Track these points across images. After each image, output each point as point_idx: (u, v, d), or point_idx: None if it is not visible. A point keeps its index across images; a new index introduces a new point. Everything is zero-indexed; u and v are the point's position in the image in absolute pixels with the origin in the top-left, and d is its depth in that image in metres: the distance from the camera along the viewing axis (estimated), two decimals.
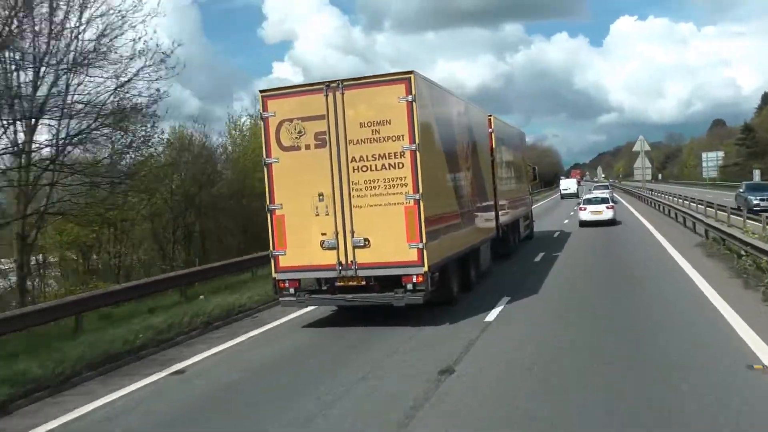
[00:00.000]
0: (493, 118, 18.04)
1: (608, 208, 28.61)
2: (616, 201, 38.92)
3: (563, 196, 66.90)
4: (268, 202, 10.99)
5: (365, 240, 10.48)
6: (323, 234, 10.64)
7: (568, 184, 72.90)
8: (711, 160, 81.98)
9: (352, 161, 10.51)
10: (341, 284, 10.85)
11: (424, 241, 10.29)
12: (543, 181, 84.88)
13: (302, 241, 10.77)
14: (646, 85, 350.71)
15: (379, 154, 10.41)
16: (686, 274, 13.93)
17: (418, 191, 10.28)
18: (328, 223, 10.61)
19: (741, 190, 33.58)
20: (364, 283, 10.71)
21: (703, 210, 27.19)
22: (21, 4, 14.21)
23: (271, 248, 11.02)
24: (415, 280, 10.32)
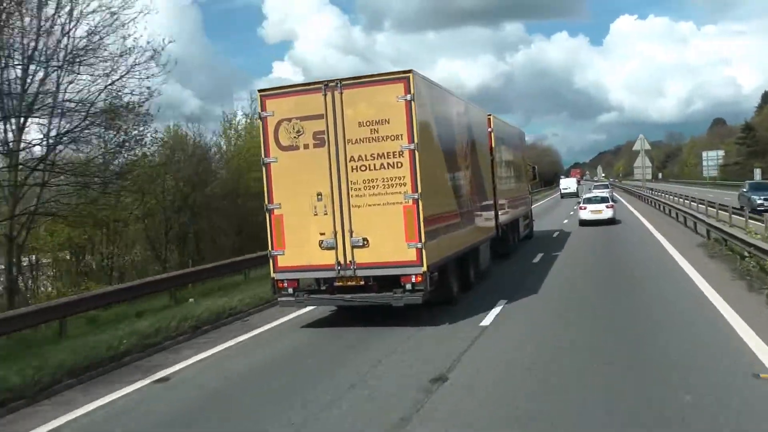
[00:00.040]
0: (492, 117, 18.00)
1: (608, 207, 28.78)
2: (615, 200, 39.01)
3: (563, 196, 66.98)
4: (266, 201, 10.96)
5: (364, 240, 10.43)
6: (322, 234, 10.60)
7: (567, 184, 73.00)
8: (711, 159, 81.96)
9: (350, 161, 10.46)
10: (340, 284, 10.81)
11: (423, 240, 10.24)
12: (543, 180, 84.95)
13: (301, 241, 10.73)
14: (646, 84, 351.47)
15: (378, 154, 10.37)
16: (687, 275, 13.72)
17: (417, 191, 10.24)
18: (326, 222, 10.57)
19: (744, 189, 32.73)
20: (362, 283, 10.67)
21: (704, 210, 27.00)
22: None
23: (269, 248, 10.99)
24: (413, 280, 10.27)
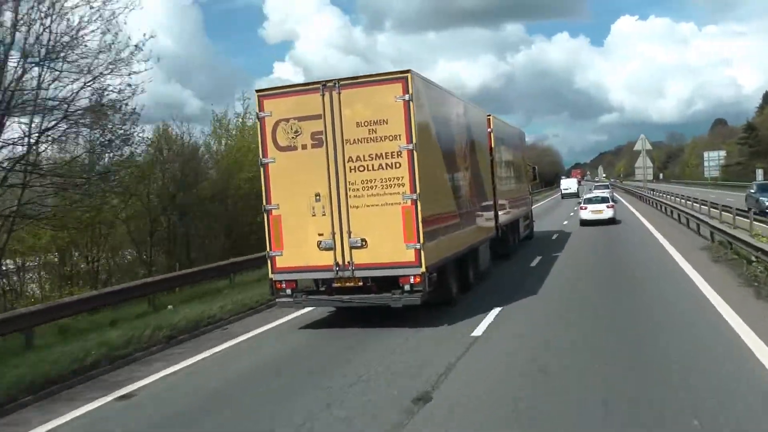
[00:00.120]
0: (492, 117, 17.95)
1: (608, 207, 28.94)
2: (616, 200, 39.05)
3: (564, 196, 67.06)
4: (264, 202, 10.92)
5: (362, 240, 10.38)
6: (320, 234, 10.55)
7: (568, 184, 73.27)
8: (713, 160, 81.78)
9: (348, 161, 10.42)
10: (338, 285, 10.76)
11: (422, 241, 10.19)
12: (544, 180, 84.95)
13: (299, 242, 10.69)
14: (647, 85, 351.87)
15: (376, 154, 10.32)
16: (692, 280, 13.07)
17: (415, 191, 10.19)
18: (324, 223, 10.52)
19: (752, 191, 31.37)
20: (361, 283, 10.63)
21: (707, 211, 26.69)
22: None
23: (267, 249, 10.94)
24: (412, 280, 10.22)
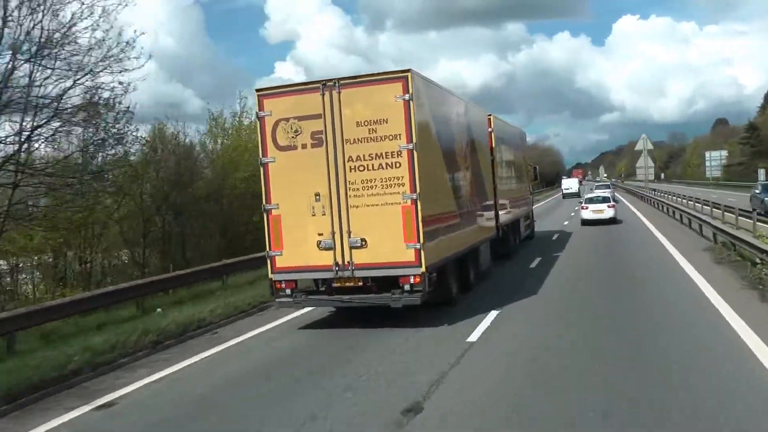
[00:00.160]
0: (492, 117, 17.92)
1: (609, 207, 29.19)
2: (617, 200, 39.10)
3: (565, 196, 67.22)
4: (264, 201, 10.90)
5: (362, 240, 10.36)
6: (320, 234, 10.53)
7: (569, 184, 73.60)
8: (714, 160, 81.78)
9: (348, 161, 10.39)
10: (338, 285, 10.74)
11: (422, 241, 10.16)
12: (545, 180, 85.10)
13: (299, 242, 10.66)
14: (648, 84, 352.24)
15: (376, 154, 10.29)
16: (694, 282, 12.80)
17: (415, 191, 10.16)
18: (324, 223, 10.50)
19: (757, 191, 30.72)
20: (361, 283, 10.60)
21: (709, 211, 26.54)
22: None
23: (267, 249, 10.92)
24: (412, 280, 10.18)
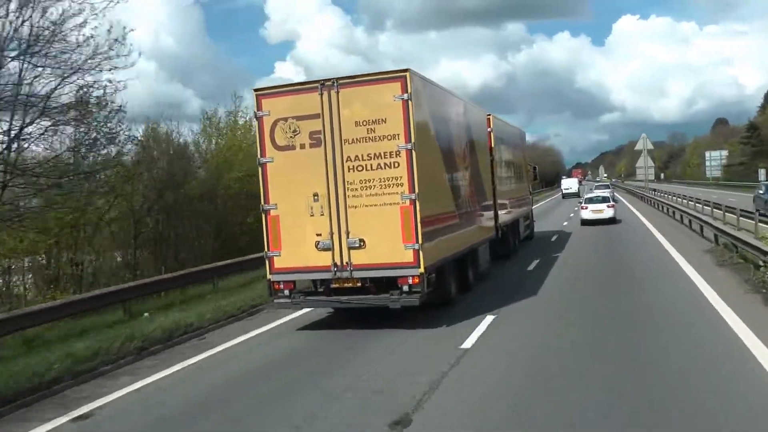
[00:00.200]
0: (492, 117, 17.88)
1: (609, 206, 29.27)
2: (617, 200, 39.15)
3: (565, 196, 67.24)
4: (262, 202, 10.86)
5: (360, 241, 10.32)
6: (318, 235, 10.48)
7: (569, 184, 73.66)
8: (714, 160, 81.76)
9: (347, 161, 10.35)
10: (336, 286, 10.69)
11: (420, 241, 10.12)
12: (545, 180, 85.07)
13: (297, 242, 10.62)
14: (648, 84, 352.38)
15: (375, 154, 10.25)
16: (696, 286, 12.49)
17: (414, 191, 10.11)
18: (323, 223, 10.46)
19: (761, 191, 29.66)
20: (359, 284, 10.56)
21: (710, 212, 26.39)
22: None
23: (265, 249, 10.88)
24: (410, 281, 10.14)
